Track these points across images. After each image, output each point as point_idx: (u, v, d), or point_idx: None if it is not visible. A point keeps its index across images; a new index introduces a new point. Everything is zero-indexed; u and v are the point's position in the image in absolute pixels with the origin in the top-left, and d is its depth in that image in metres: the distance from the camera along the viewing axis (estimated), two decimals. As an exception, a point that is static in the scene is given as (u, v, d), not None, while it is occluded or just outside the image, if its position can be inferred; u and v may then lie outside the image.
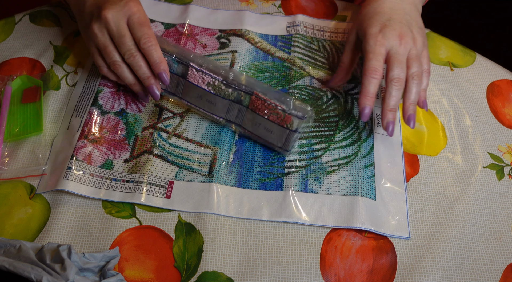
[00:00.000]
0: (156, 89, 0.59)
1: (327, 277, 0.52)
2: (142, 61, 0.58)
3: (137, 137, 0.61)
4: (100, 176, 0.57)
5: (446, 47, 0.74)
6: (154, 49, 0.58)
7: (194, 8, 0.74)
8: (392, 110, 0.57)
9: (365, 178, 0.58)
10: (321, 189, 0.57)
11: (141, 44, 0.57)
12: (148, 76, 0.59)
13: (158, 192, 0.56)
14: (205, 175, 0.58)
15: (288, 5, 0.77)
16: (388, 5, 0.62)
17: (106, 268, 0.49)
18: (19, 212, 0.55)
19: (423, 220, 0.57)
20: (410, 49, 0.58)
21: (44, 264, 0.47)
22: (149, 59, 0.58)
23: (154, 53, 0.58)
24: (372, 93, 0.57)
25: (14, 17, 0.75)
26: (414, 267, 0.53)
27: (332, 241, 0.55)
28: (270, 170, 0.59)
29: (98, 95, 0.63)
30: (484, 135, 0.65)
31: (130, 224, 0.55)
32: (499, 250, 0.55)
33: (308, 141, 0.61)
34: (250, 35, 0.72)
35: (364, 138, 0.61)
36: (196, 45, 0.70)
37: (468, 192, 0.59)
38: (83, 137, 0.60)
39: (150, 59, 0.58)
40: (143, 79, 0.59)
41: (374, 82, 0.57)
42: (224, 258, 0.53)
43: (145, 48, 0.57)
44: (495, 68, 0.72)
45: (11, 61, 0.69)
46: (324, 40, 0.72)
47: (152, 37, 0.58)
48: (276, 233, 0.55)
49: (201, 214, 0.55)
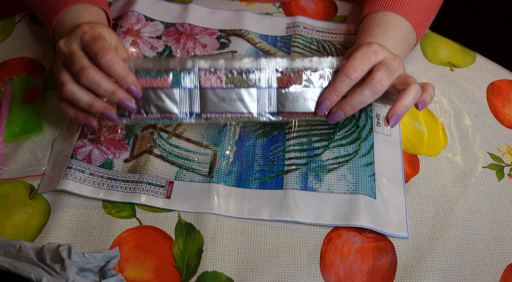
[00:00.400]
0: (129, 101, 0.53)
1: (327, 277, 0.52)
2: (99, 76, 0.51)
3: (137, 137, 0.61)
4: (100, 176, 0.57)
5: (446, 47, 0.74)
6: (114, 62, 0.51)
7: (194, 8, 0.74)
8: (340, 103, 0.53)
9: (365, 176, 0.58)
10: (321, 187, 0.57)
11: (98, 60, 0.50)
12: (113, 90, 0.52)
13: (158, 192, 0.56)
14: (205, 175, 0.58)
15: (288, 5, 0.77)
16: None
17: (106, 268, 0.49)
18: (19, 212, 0.55)
19: (423, 220, 0.57)
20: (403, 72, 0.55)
21: (44, 264, 0.47)
22: (112, 75, 0.51)
23: (116, 66, 0.51)
24: (339, 92, 0.53)
25: (14, 17, 0.75)
26: (414, 267, 0.53)
27: (332, 241, 0.55)
28: (270, 168, 0.59)
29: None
30: (484, 136, 0.65)
31: (130, 224, 0.55)
32: (499, 250, 0.55)
33: (308, 139, 0.61)
34: (250, 35, 0.72)
35: (364, 137, 0.61)
36: (196, 45, 0.70)
37: (468, 192, 0.59)
38: (83, 136, 0.60)
39: (114, 75, 0.51)
40: (109, 96, 0.52)
41: (346, 82, 0.52)
42: (224, 258, 0.53)
43: (103, 63, 0.50)
44: (495, 68, 0.72)
45: (11, 61, 0.69)
46: (324, 41, 0.72)
47: (109, 50, 0.51)
48: (276, 233, 0.55)
49: (201, 214, 0.55)
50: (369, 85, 0.52)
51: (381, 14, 0.64)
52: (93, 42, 0.51)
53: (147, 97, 0.54)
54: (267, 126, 0.63)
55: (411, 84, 0.52)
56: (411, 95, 0.52)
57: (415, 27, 0.63)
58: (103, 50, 0.51)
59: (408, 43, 0.64)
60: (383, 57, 0.54)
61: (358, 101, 0.53)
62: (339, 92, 0.53)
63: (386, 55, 0.54)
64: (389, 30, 0.61)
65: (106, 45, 0.51)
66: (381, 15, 0.63)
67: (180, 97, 0.54)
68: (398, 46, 0.61)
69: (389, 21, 0.62)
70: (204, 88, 0.54)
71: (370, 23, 0.63)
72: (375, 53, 0.53)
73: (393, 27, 0.62)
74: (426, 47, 0.74)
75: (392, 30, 0.61)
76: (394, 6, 0.63)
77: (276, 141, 0.61)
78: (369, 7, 0.66)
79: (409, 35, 0.63)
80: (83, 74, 0.50)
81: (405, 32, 0.63)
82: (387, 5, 0.64)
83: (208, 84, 0.54)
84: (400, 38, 0.62)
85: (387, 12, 0.63)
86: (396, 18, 0.63)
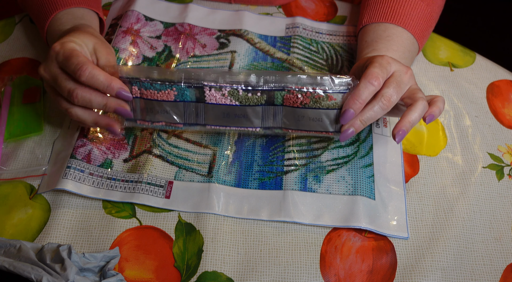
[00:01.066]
0: (124, 108, 0.53)
1: (327, 277, 0.52)
2: (88, 93, 0.52)
3: (137, 137, 0.61)
4: (99, 176, 0.57)
5: (446, 47, 0.74)
6: (93, 75, 0.51)
7: (193, 8, 0.74)
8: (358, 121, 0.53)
9: (364, 177, 0.58)
10: (321, 188, 0.57)
11: (78, 78, 0.51)
12: (105, 103, 0.53)
13: (158, 192, 0.56)
14: (204, 175, 0.58)
15: (288, 6, 0.77)
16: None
17: (106, 268, 0.49)
18: (19, 212, 0.55)
19: (423, 220, 0.57)
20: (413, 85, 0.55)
21: (44, 264, 0.47)
22: (96, 88, 0.52)
23: (96, 79, 0.51)
24: (363, 100, 0.52)
25: (14, 17, 0.75)
26: (414, 267, 0.53)
27: (332, 241, 0.55)
28: (270, 168, 0.59)
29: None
30: (484, 136, 0.65)
31: (130, 224, 0.55)
32: (499, 250, 0.55)
33: (307, 140, 0.61)
34: (249, 35, 0.72)
35: (363, 138, 0.61)
36: (195, 45, 0.70)
37: (468, 192, 0.59)
38: (83, 136, 0.60)
39: (98, 87, 0.51)
40: (104, 109, 0.53)
41: (370, 89, 0.52)
42: (224, 258, 0.53)
43: (84, 80, 0.51)
44: (495, 68, 0.72)
45: (11, 61, 0.69)
46: (323, 42, 0.72)
47: (84, 65, 0.50)
48: (276, 233, 0.55)
49: (201, 214, 0.55)
50: (379, 102, 0.52)
51: (383, 27, 0.63)
52: (67, 62, 0.51)
53: (152, 108, 0.54)
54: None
55: (418, 101, 0.53)
56: (417, 111, 0.52)
57: (416, 38, 0.64)
58: (78, 67, 0.50)
59: (411, 55, 0.64)
60: (396, 69, 0.54)
61: (368, 117, 0.53)
62: (363, 100, 0.52)
63: (398, 67, 0.54)
64: (393, 44, 0.61)
65: (80, 61, 0.51)
66: (383, 28, 0.63)
67: (184, 110, 0.54)
68: (402, 59, 0.61)
69: (392, 35, 0.62)
70: (208, 103, 0.54)
71: (372, 37, 0.63)
72: (389, 64, 0.54)
73: (396, 41, 0.62)
74: (426, 48, 0.74)
75: (396, 44, 0.61)
76: (395, 18, 0.63)
77: (275, 141, 0.61)
78: (368, 16, 0.65)
79: (411, 47, 0.63)
80: (73, 97, 0.51)
81: (408, 44, 0.63)
82: (388, 17, 0.64)
83: (213, 100, 0.53)
84: (404, 51, 0.62)
85: (389, 24, 0.63)
86: (398, 31, 0.63)
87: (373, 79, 0.52)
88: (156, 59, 0.69)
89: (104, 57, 0.55)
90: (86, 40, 0.55)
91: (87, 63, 0.51)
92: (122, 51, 0.67)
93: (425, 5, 0.64)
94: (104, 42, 0.58)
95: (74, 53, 0.52)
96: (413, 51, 0.64)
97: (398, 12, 0.63)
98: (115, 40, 0.68)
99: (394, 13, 0.64)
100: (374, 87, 0.52)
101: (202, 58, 0.69)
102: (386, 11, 0.64)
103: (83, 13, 0.63)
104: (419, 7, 0.64)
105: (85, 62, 0.51)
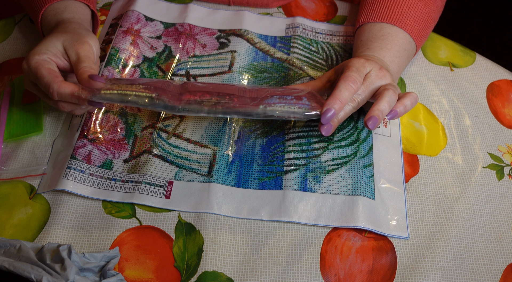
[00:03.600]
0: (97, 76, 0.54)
1: (327, 277, 0.52)
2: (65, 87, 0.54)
3: (137, 137, 0.61)
4: (99, 176, 0.57)
5: (446, 47, 0.74)
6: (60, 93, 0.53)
7: (193, 8, 0.74)
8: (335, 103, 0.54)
9: (364, 177, 0.58)
10: (320, 188, 0.57)
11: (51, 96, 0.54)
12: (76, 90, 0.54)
13: (158, 192, 0.56)
14: (204, 175, 0.58)
15: (288, 6, 0.77)
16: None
17: (106, 268, 0.49)
18: (19, 212, 0.55)
19: (423, 220, 0.57)
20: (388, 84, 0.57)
21: (44, 264, 0.47)
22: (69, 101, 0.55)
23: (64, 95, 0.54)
24: (344, 99, 0.54)
25: (14, 17, 0.75)
26: (414, 267, 0.53)
27: (332, 241, 0.55)
28: (269, 168, 0.59)
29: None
30: (484, 136, 0.65)
31: (130, 224, 0.55)
32: (499, 250, 0.55)
33: (307, 139, 0.61)
34: (249, 35, 0.72)
35: (363, 138, 0.61)
36: (196, 45, 0.70)
37: (468, 192, 0.59)
38: (83, 136, 0.60)
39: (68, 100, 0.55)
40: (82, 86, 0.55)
41: (350, 90, 0.54)
42: (224, 258, 0.53)
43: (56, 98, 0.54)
44: (495, 68, 0.72)
45: (11, 61, 0.69)
46: (323, 42, 0.72)
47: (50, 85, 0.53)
48: (276, 233, 0.55)
49: (201, 214, 0.55)
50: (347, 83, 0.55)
51: (379, 27, 0.64)
52: (38, 82, 0.54)
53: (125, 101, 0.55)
54: (267, 126, 0.63)
55: (384, 91, 0.55)
56: (385, 99, 0.54)
57: (413, 37, 0.64)
58: (46, 89, 0.54)
59: (407, 54, 0.64)
60: (372, 68, 0.57)
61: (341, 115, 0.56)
62: (344, 100, 0.54)
63: (373, 66, 0.57)
64: (387, 43, 0.62)
65: (46, 83, 0.53)
66: (378, 28, 0.64)
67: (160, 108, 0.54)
68: (396, 58, 0.62)
69: (387, 34, 0.63)
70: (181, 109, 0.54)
71: (367, 36, 0.64)
72: (365, 67, 0.57)
73: (391, 40, 0.62)
74: (426, 47, 0.74)
75: (390, 43, 0.62)
76: (391, 17, 0.64)
77: (275, 141, 0.61)
78: (365, 16, 0.66)
79: (408, 46, 0.64)
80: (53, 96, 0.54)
81: (403, 43, 0.63)
82: (384, 17, 0.64)
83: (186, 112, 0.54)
84: (399, 50, 0.62)
85: (385, 24, 0.64)
86: (394, 30, 0.63)
87: (352, 82, 0.55)
88: (156, 60, 0.69)
89: (74, 54, 0.56)
90: (54, 44, 0.57)
91: (52, 83, 0.53)
92: (122, 51, 0.67)
93: (423, 5, 0.65)
94: (76, 34, 0.58)
95: (39, 74, 0.54)
96: (409, 50, 0.64)
97: (395, 11, 0.64)
98: (115, 40, 0.68)
99: (390, 12, 0.64)
100: (353, 89, 0.55)
101: (202, 58, 0.69)
102: (383, 10, 0.64)
103: (66, 5, 0.63)
104: (417, 6, 0.64)
105: (49, 83, 0.53)
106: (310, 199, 0.56)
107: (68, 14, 0.62)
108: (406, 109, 0.56)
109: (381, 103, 0.54)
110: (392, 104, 0.55)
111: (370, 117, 0.54)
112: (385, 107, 0.54)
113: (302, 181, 0.58)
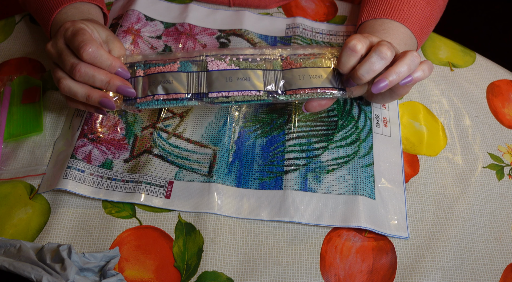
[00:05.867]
0: (127, 87, 0.52)
1: (327, 277, 0.52)
2: (91, 69, 0.51)
3: (137, 137, 0.61)
4: (99, 176, 0.57)
5: (446, 47, 0.74)
6: (96, 53, 0.50)
7: (194, 8, 0.74)
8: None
9: (364, 177, 0.58)
10: (321, 188, 0.57)
11: (80, 55, 0.50)
12: (108, 80, 0.52)
13: (158, 192, 0.56)
14: (204, 175, 0.58)
15: (288, 6, 0.77)
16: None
17: (106, 268, 0.49)
18: (19, 212, 0.55)
19: (423, 220, 0.57)
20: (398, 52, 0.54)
21: (44, 264, 0.47)
22: (99, 66, 0.51)
23: (99, 57, 0.51)
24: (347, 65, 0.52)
25: (14, 17, 0.75)
26: (414, 267, 0.53)
27: (332, 241, 0.55)
28: (270, 168, 0.59)
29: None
30: (484, 136, 0.65)
31: (130, 224, 0.55)
32: (499, 250, 0.55)
33: (307, 140, 0.61)
34: (249, 35, 0.72)
35: (363, 138, 0.61)
36: (196, 45, 0.70)
37: (468, 192, 0.59)
38: (83, 136, 0.60)
39: (100, 65, 0.51)
40: (106, 87, 0.52)
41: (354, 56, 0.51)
42: (224, 258, 0.53)
43: (85, 57, 0.50)
44: (495, 68, 0.73)
45: (11, 61, 0.69)
46: (323, 43, 0.72)
47: (89, 43, 0.50)
48: (276, 233, 0.55)
49: (201, 214, 0.55)
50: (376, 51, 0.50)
51: (380, 21, 0.64)
52: (73, 38, 0.51)
53: (155, 80, 0.54)
54: (267, 126, 0.63)
55: (408, 53, 0.51)
56: (406, 62, 0.50)
57: (415, 33, 0.64)
58: (82, 44, 0.50)
59: (408, 48, 0.63)
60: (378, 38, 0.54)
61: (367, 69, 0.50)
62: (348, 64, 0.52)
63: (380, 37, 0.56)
64: (387, 36, 0.62)
65: (86, 39, 0.51)
66: (379, 23, 0.64)
67: (187, 79, 0.54)
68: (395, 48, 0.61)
69: (388, 28, 0.63)
70: (211, 71, 0.54)
71: (368, 31, 0.64)
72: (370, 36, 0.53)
73: (391, 33, 0.62)
74: (426, 47, 0.74)
75: (390, 36, 0.62)
76: (393, 13, 0.63)
77: (275, 141, 0.61)
78: (367, 13, 0.66)
79: (408, 41, 0.63)
80: (75, 71, 0.51)
81: (404, 37, 0.63)
82: (386, 13, 0.64)
83: (215, 67, 0.54)
84: (399, 43, 0.62)
85: (386, 19, 0.64)
86: (395, 25, 0.63)
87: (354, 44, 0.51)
88: (156, 59, 0.69)
89: (117, 50, 0.56)
90: (99, 29, 0.55)
91: (92, 42, 0.51)
92: (122, 51, 0.67)
93: (425, 3, 0.65)
94: (117, 37, 0.59)
95: (81, 32, 0.51)
96: (410, 45, 0.64)
97: (397, 8, 0.64)
98: (115, 40, 0.68)
99: (392, 9, 0.64)
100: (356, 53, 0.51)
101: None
102: (385, 7, 0.64)
103: (88, 8, 0.63)
104: (419, 5, 0.64)
105: (90, 40, 0.51)
106: (310, 199, 0.56)
107: (93, 17, 0.62)
108: (424, 76, 0.52)
109: (401, 65, 0.49)
110: (413, 69, 0.50)
111: (381, 79, 0.50)
112: (404, 70, 0.50)
113: (302, 181, 0.58)
